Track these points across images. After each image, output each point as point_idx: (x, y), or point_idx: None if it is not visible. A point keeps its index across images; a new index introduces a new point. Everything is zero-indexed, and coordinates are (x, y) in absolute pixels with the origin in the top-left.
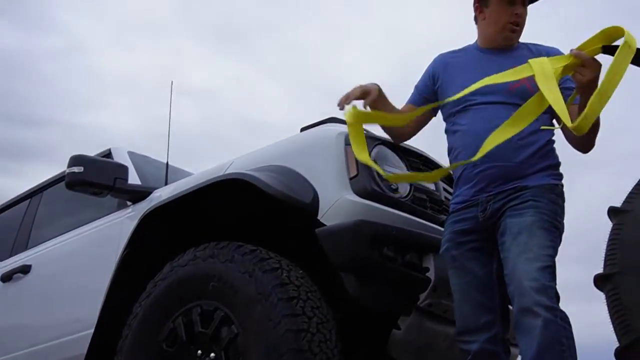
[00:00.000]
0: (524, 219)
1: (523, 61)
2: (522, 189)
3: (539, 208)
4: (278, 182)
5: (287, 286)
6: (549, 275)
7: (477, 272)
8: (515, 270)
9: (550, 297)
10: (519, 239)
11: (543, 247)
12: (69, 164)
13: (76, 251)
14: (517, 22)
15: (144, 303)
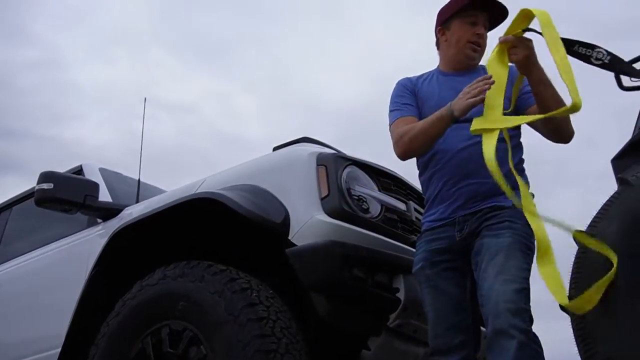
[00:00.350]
0: (501, 239)
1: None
2: (499, 208)
3: (516, 230)
4: (249, 202)
5: (256, 306)
6: (524, 297)
7: (451, 292)
8: (491, 291)
9: (525, 320)
10: (496, 259)
11: (520, 269)
12: (39, 181)
13: (45, 268)
14: (479, 43)
15: (112, 322)
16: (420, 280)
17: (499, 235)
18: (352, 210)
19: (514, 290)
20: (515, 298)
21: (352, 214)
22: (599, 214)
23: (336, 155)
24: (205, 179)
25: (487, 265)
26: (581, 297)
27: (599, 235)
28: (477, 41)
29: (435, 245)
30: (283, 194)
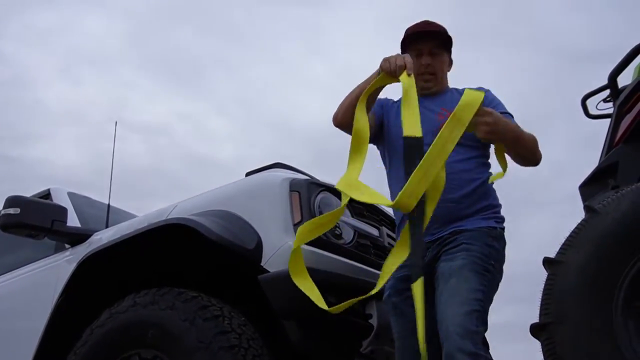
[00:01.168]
0: (455, 262)
1: (449, 103)
2: (459, 232)
3: (470, 251)
4: (221, 228)
5: (228, 334)
6: (475, 320)
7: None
8: (442, 314)
9: (475, 343)
10: (449, 283)
11: (471, 290)
12: (5, 205)
13: (10, 295)
14: (428, 72)
15: (80, 351)
16: (389, 307)
17: (454, 259)
18: (325, 237)
19: (464, 312)
20: (463, 321)
21: (325, 240)
22: (567, 241)
23: (309, 182)
24: (177, 204)
25: (443, 289)
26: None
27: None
28: (424, 72)
29: (401, 273)
30: (256, 220)
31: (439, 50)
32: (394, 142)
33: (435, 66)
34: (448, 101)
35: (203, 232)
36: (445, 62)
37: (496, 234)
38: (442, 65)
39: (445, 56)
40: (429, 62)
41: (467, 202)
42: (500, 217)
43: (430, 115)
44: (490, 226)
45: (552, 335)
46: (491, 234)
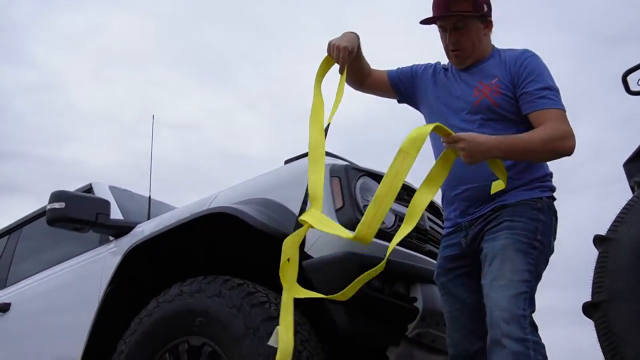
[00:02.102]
0: (498, 242)
1: (487, 74)
2: (501, 208)
3: (514, 229)
4: (263, 215)
5: (275, 320)
6: (522, 302)
7: (466, 299)
8: (488, 299)
9: (522, 327)
10: (493, 265)
11: (517, 271)
12: (50, 200)
13: (57, 288)
14: (455, 47)
15: (129, 340)
16: (438, 287)
17: (497, 238)
18: None
19: (509, 296)
20: (509, 305)
21: None
22: (618, 218)
23: (349, 167)
24: (218, 194)
25: (487, 271)
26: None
27: (620, 238)
28: (452, 49)
29: (447, 252)
30: (297, 206)
31: (463, 24)
32: (434, 109)
33: (461, 42)
34: (487, 71)
35: (246, 219)
36: (474, 32)
37: (542, 204)
38: (469, 38)
39: (474, 25)
40: (454, 39)
41: (509, 177)
42: (545, 186)
43: (466, 90)
44: (534, 197)
45: (606, 314)
46: (535, 206)
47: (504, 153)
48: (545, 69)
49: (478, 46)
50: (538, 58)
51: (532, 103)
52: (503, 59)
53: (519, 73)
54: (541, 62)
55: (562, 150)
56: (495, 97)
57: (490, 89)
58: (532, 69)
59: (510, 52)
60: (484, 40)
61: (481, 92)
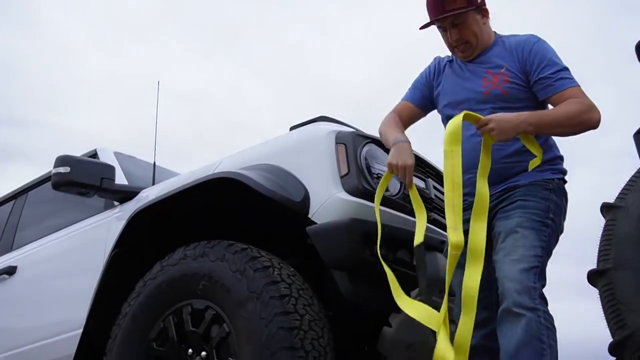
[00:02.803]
0: (511, 220)
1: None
2: (513, 188)
3: (526, 208)
4: (269, 181)
5: (278, 284)
6: (533, 276)
7: None
8: (500, 272)
9: (532, 298)
10: (507, 241)
11: (529, 247)
12: (55, 164)
13: (63, 252)
14: (459, 44)
15: (134, 303)
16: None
17: (510, 217)
18: (372, 188)
19: (521, 269)
20: (521, 277)
21: (372, 192)
22: (627, 186)
23: (355, 134)
24: (222, 160)
25: (499, 248)
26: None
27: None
28: (456, 45)
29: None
30: (302, 173)
31: (461, 19)
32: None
33: (463, 35)
34: (493, 60)
35: (251, 185)
36: (473, 24)
37: (553, 185)
38: (470, 30)
39: (472, 18)
40: (456, 36)
41: (520, 158)
42: (557, 168)
43: (475, 81)
44: (545, 178)
45: (611, 281)
46: (547, 187)
47: (533, 127)
48: (553, 52)
49: (481, 36)
50: (544, 42)
51: (551, 87)
52: (508, 47)
53: (530, 61)
54: (548, 46)
55: (588, 122)
56: (505, 86)
57: (499, 78)
58: (543, 55)
59: (513, 38)
60: (484, 29)
61: (490, 82)
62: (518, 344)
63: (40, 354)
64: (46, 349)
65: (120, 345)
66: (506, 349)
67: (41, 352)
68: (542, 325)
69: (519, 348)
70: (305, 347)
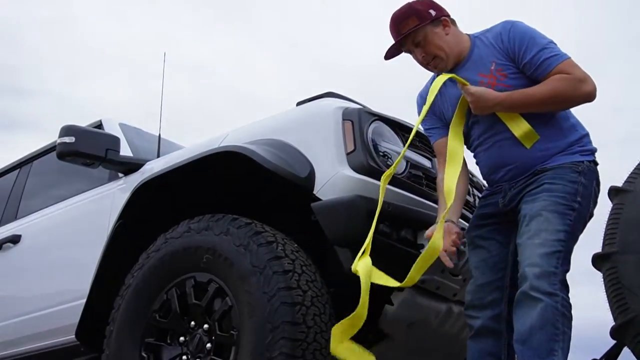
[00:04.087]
0: (536, 204)
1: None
2: (541, 171)
3: (553, 191)
4: (274, 156)
5: (282, 259)
6: (555, 260)
7: (491, 251)
8: (522, 255)
9: (552, 283)
10: (531, 225)
11: (553, 232)
12: (60, 134)
13: (67, 222)
14: (428, 62)
15: (137, 274)
16: (467, 242)
17: (536, 200)
18: (378, 166)
19: (542, 254)
20: (541, 261)
21: (378, 169)
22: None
23: (362, 110)
24: (228, 133)
25: (524, 231)
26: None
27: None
28: (427, 63)
29: (482, 210)
30: (308, 148)
31: (421, 36)
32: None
33: (428, 51)
34: (479, 62)
35: (256, 159)
36: (435, 38)
37: (582, 168)
38: (433, 44)
39: (430, 32)
40: (422, 54)
41: (542, 146)
42: (587, 149)
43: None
44: (574, 161)
45: (616, 265)
46: (576, 169)
47: (511, 109)
48: (531, 31)
49: (448, 47)
50: (519, 24)
51: (540, 68)
52: (488, 43)
53: (511, 48)
54: (524, 26)
55: (578, 97)
56: (506, 81)
57: (495, 77)
58: (521, 38)
59: (488, 33)
60: (450, 39)
61: (488, 84)
62: (532, 328)
63: (43, 322)
64: (50, 317)
65: (123, 316)
66: (520, 331)
67: (45, 320)
68: (559, 312)
69: (533, 332)
70: (307, 323)
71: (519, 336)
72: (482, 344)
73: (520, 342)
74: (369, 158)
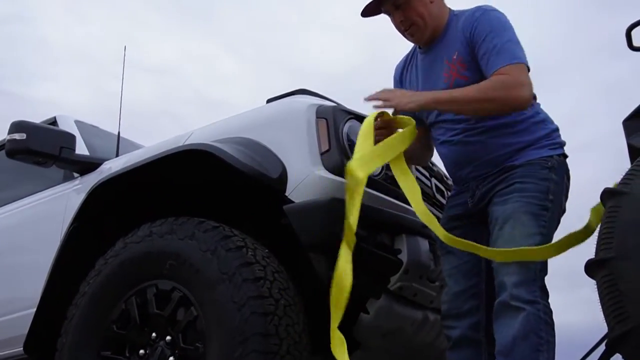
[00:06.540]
0: (508, 205)
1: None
2: (510, 169)
3: (524, 191)
4: (244, 155)
5: (252, 266)
6: (533, 265)
7: (464, 257)
8: (497, 263)
9: (531, 291)
10: (504, 229)
11: (527, 235)
12: (10, 130)
13: (17, 225)
14: (407, 27)
15: (93, 281)
16: (438, 246)
17: (507, 201)
18: None
19: (519, 260)
20: (518, 269)
21: None
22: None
23: (337, 108)
24: (193, 132)
25: (497, 236)
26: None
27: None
28: (404, 28)
29: (451, 212)
30: (279, 148)
31: (399, 4)
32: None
33: (408, 16)
34: (447, 45)
35: (225, 158)
36: (418, 5)
37: (552, 162)
38: (415, 11)
39: None
40: (400, 17)
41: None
42: (555, 142)
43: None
44: (543, 156)
45: (613, 272)
46: (546, 165)
47: (432, 106)
48: (497, 23)
49: (429, 16)
50: (489, 13)
51: (487, 66)
52: (459, 27)
53: (471, 38)
54: (492, 17)
55: (513, 96)
56: (465, 72)
57: (456, 67)
58: (483, 29)
59: (462, 15)
60: (432, 9)
61: (450, 74)
62: (515, 338)
63: None
64: None
65: (78, 327)
66: (502, 342)
67: None
68: (541, 320)
69: (516, 343)
70: (279, 334)
71: (502, 348)
72: (461, 355)
73: (504, 354)
74: (345, 158)
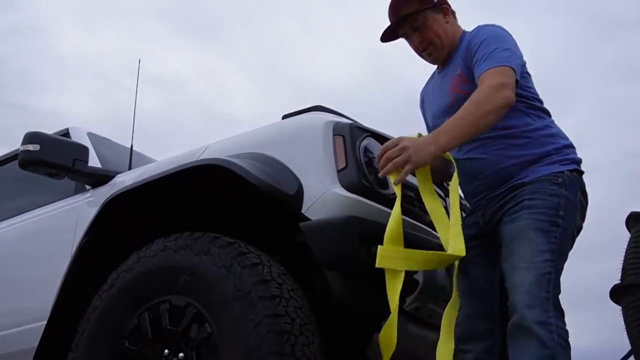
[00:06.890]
0: (516, 224)
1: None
2: (519, 186)
3: (532, 208)
4: (260, 171)
5: (268, 283)
6: (545, 284)
7: (477, 277)
8: (508, 283)
9: (545, 311)
10: (512, 247)
11: (537, 252)
12: (24, 142)
13: (28, 236)
14: (425, 48)
15: (105, 295)
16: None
17: (515, 220)
18: (371, 185)
19: (530, 279)
20: (530, 288)
21: (370, 188)
22: None
23: (354, 126)
24: (208, 146)
25: (507, 255)
26: None
27: None
28: (422, 49)
29: (466, 232)
30: (295, 164)
31: (419, 22)
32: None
33: (425, 37)
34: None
35: (242, 174)
36: (434, 24)
37: (563, 178)
38: (432, 30)
39: (431, 18)
40: (418, 39)
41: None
42: (567, 159)
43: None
44: (553, 172)
45: None
46: (556, 181)
47: (445, 148)
48: (490, 35)
49: (445, 35)
50: (486, 27)
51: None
52: (464, 45)
53: (468, 52)
54: (487, 29)
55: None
56: (463, 86)
57: (457, 81)
58: (477, 41)
59: (469, 34)
60: (448, 28)
61: (452, 88)
62: None
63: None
64: (6, 340)
65: (88, 341)
66: None
67: (1, 343)
68: (555, 342)
69: None
70: (295, 354)
71: None
72: None
73: None
74: (361, 176)
